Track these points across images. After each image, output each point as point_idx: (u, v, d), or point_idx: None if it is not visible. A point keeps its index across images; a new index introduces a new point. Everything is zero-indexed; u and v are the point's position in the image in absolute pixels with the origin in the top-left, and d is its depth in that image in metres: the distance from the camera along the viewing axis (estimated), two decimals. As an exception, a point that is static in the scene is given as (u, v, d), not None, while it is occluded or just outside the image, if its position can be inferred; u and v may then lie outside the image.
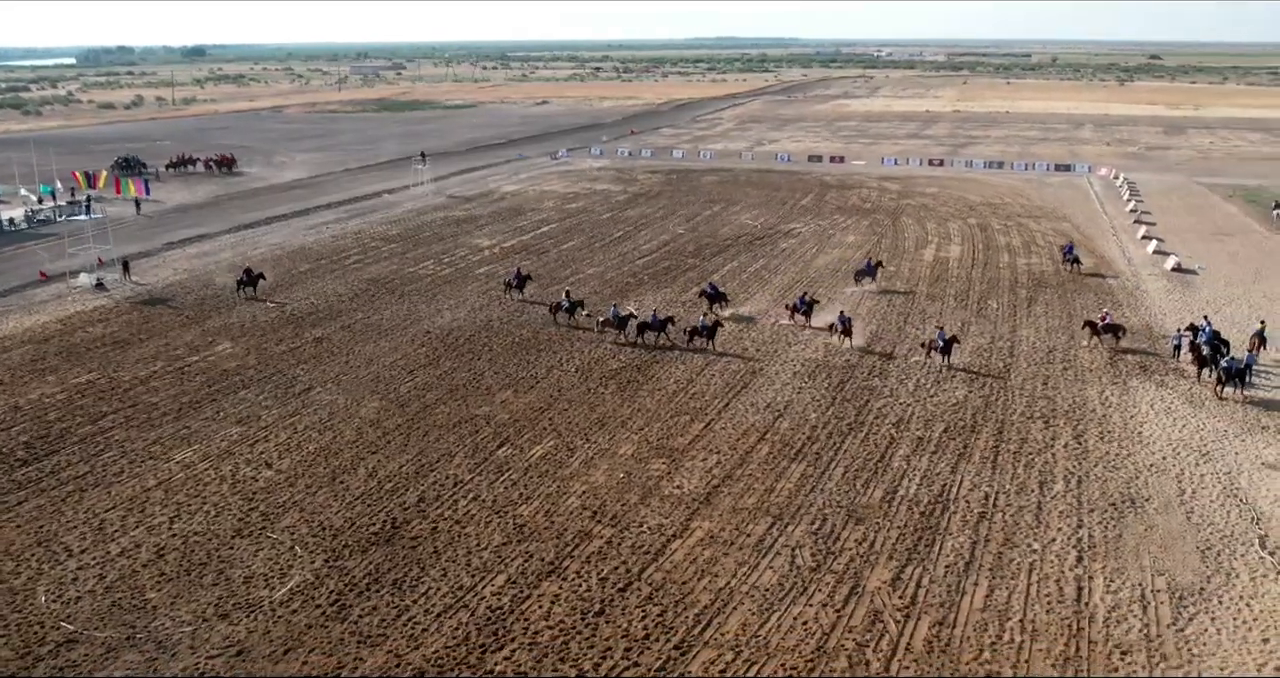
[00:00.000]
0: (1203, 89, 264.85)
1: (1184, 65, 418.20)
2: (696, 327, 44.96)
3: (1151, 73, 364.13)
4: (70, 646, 23.45)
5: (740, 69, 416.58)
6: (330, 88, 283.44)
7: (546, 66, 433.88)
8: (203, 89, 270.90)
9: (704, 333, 44.62)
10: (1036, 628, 24.11)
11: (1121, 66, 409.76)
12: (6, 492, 31.45)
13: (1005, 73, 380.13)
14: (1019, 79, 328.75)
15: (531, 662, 22.70)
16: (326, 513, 29.96)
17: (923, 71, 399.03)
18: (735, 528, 29.05)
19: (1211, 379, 39.71)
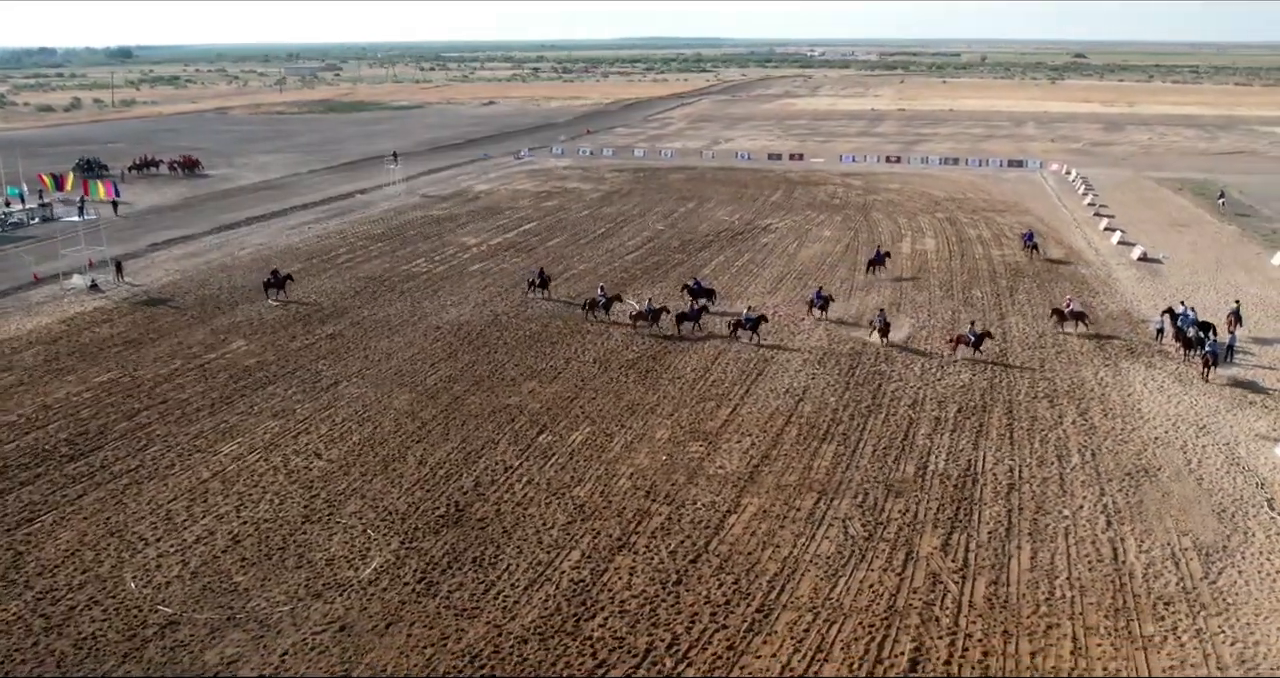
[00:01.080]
0: (1132, 87, 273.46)
1: (1109, 64, 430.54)
2: (740, 320, 46.28)
3: (1080, 71, 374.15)
4: (173, 627, 24.24)
5: (678, 69, 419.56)
6: (270, 89, 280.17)
7: (483, 67, 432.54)
8: (139, 91, 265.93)
9: (748, 325, 45.94)
10: (1084, 585, 26.02)
11: (1049, 65, 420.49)
12: (62, 486, 31.91)
13: (939, 72, 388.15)
14: (954, 78, 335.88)
15: (625, 628, 24.05)
16: (388, 499, 30.95)
17: (858, 71, 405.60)
18: (785, 503, 30.63)
19: (1198, 362, 42.09)
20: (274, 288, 53.64)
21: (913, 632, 23.92)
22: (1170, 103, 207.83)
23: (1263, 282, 56.98)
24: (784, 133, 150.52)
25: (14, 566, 27.08)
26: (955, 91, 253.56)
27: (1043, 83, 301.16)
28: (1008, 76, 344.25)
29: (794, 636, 23.73)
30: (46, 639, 23.68)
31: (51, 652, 23.20)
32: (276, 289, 53.64)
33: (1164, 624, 24.24)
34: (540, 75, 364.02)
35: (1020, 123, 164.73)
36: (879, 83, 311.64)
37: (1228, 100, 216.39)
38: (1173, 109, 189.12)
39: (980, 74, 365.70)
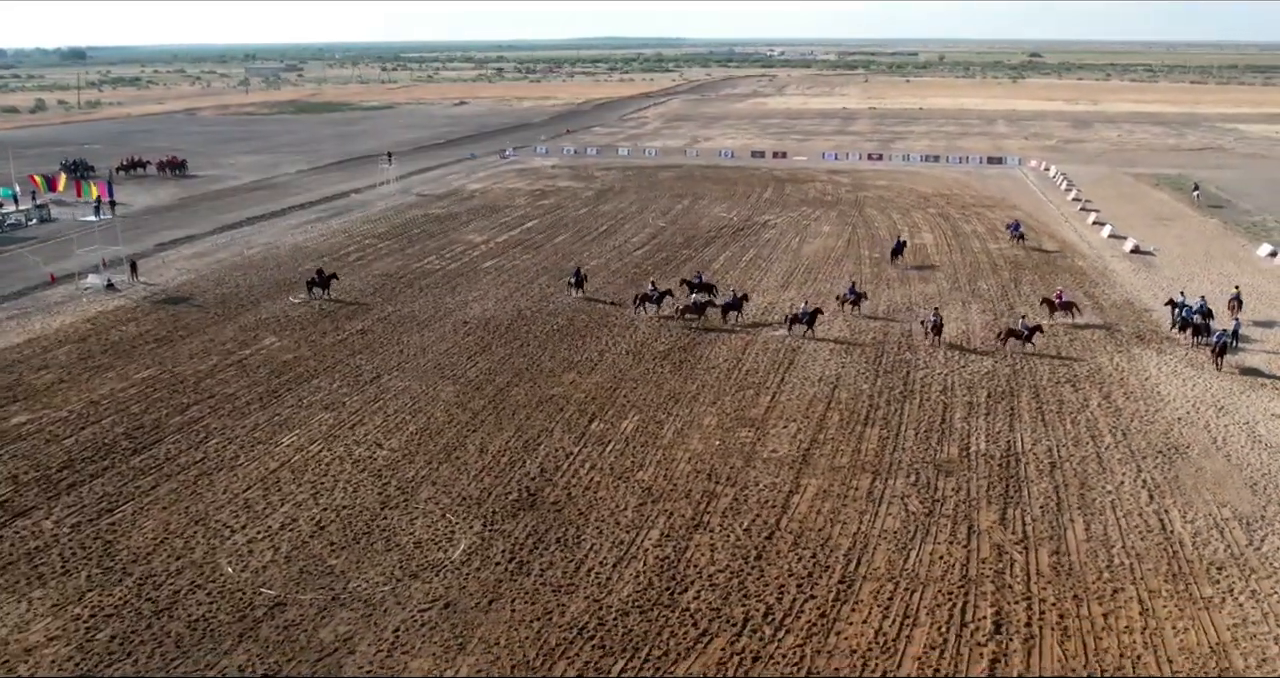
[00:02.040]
0: (1092, 85, 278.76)
1: (1065, 63, 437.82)
2: (796, 314, 47.34)
3: (1038, 70, 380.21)
4: (281, 608, 25.08)
5: (642, 69, 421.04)
6: (235, 90, 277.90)
7: (446, 67, 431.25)
8: (101, 92, 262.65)
9: (804, 319, 47.04)
10: (1139, 553, 27.60)
11: (1006, 64, 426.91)
12: (133, 478, 32.54)
13: (900, 71, 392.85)
14: (916, 77, 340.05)
15: (718, 600, 25.25)
16: (459, 485, 31.91)
17: (820, 70, 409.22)
18: (842, 484, 31.97)
19: (1210, 350, 43.81)
20: (318, 286, 54.05)
21: (990, 598, 25.31)
22: (1132, 101, 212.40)
23: (1252, 272, 59.22)
24: (761, 132, 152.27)
25: (106, 554, 27.72)
26: (921, 90, 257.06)
27: (1005, 82, 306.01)
28: (969, 76, 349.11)
29: (879, 603, 25.03)
30: (159, 622, 24.44)
31: (167, 633, 23.96)
32: (321, 288, 54.06)
33: (1220, 587, 25.82)
34: (505, 76, 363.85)
35: (991, 121, 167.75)
36: (844, 82, 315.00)
37: (1187, 98, 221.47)
38: (1136, 107, 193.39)
39: (941, 73, 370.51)
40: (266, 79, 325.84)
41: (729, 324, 49.14)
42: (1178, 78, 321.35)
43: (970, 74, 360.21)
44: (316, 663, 22.79)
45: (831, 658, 22.79)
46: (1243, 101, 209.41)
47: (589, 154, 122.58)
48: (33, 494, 31.42)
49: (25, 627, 24.24)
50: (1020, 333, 45.02)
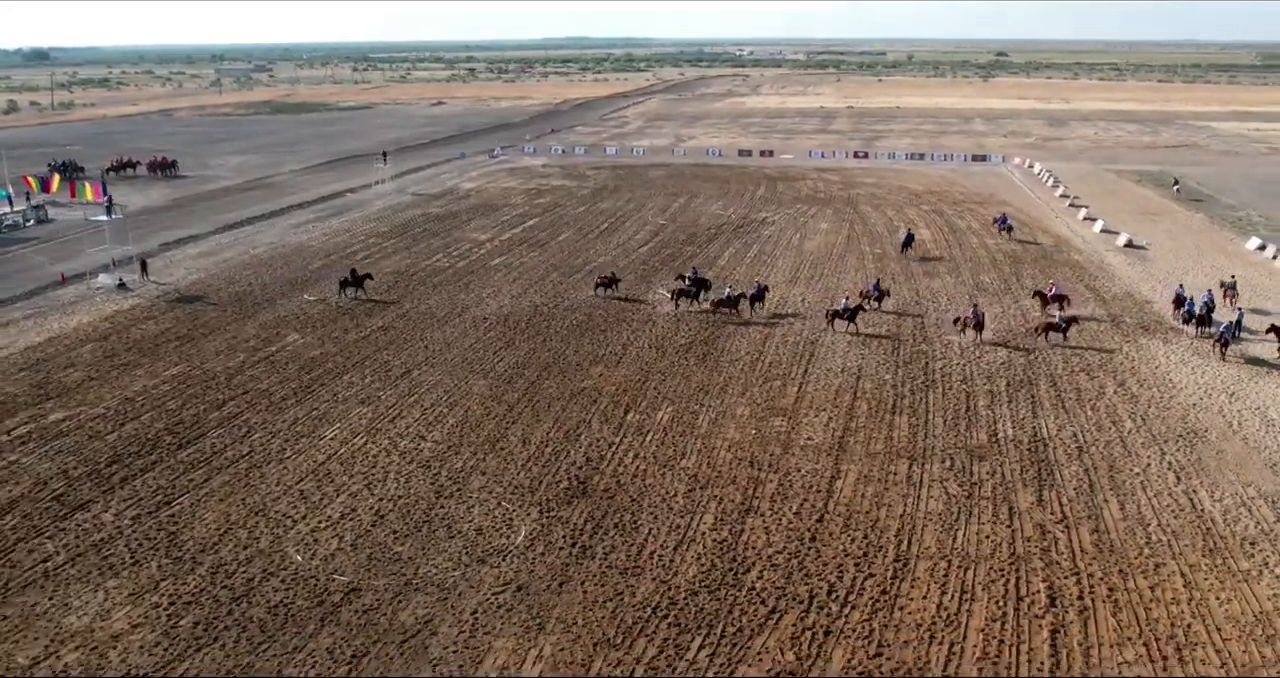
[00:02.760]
0: (1061, 84, 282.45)
1: (1031, 62, 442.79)
2: (839, 310, 48.13)
3: (1007, 69, 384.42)
4: (356, 593, 25.75)
5: (614, 69, 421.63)
6: (208, 91, 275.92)
7: (416, 68, 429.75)
8: (72, 93, 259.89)
9: (846, 315, 47.90)
10: (1174, 530, 28.80)
11: (974, 63, 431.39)
12: (183, 471, 33.05)
13: (870, 70, 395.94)
14: (888, 77, 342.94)
15: (781, 579, 26.18)
16: (508, 474, 32.65)
17: (792, 70, 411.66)
18: (881, 469, 33.00)
19: (1213, 341, 45.09)
20: (352, 286, 54.36)
21: (1041, 574, 26.40)
22: (1103, 99, 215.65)
23: (1243, 264, 60.88)
24: (743, 131, 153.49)
25: (172, 544, 28.26)
26: (895, 90, 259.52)
27: (976, 81, 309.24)
28: (939, 75, 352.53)
29: (936, 580, 26.05)
30: (239, 608, 25.03)
31: (249, 619, 24.57)
32: (355, 287, 54.38)
33: (1255, 560, 27.05)
34: (478, 76, 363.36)
35: (968, 120, 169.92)
36: (816, 81, 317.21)
37: (1157, 97, 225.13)
38: (1109, 105, 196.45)
39: (911, 72, 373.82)
40: (238, 80, 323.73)
41: (751, 316, 50.01)
42: (1144, 76, 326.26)
43: (940, 73, 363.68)
44: (402, 644, 23.48)
45: (899, 631, 23.77)
46: (1211, 100, 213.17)
47: (577, 153, 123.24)
48: (86, 488, 31.83)
49: (107, 615, 24.75)
50: (1059, 325, 46.04)
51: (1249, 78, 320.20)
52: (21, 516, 29.98)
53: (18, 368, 43.66)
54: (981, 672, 22.24)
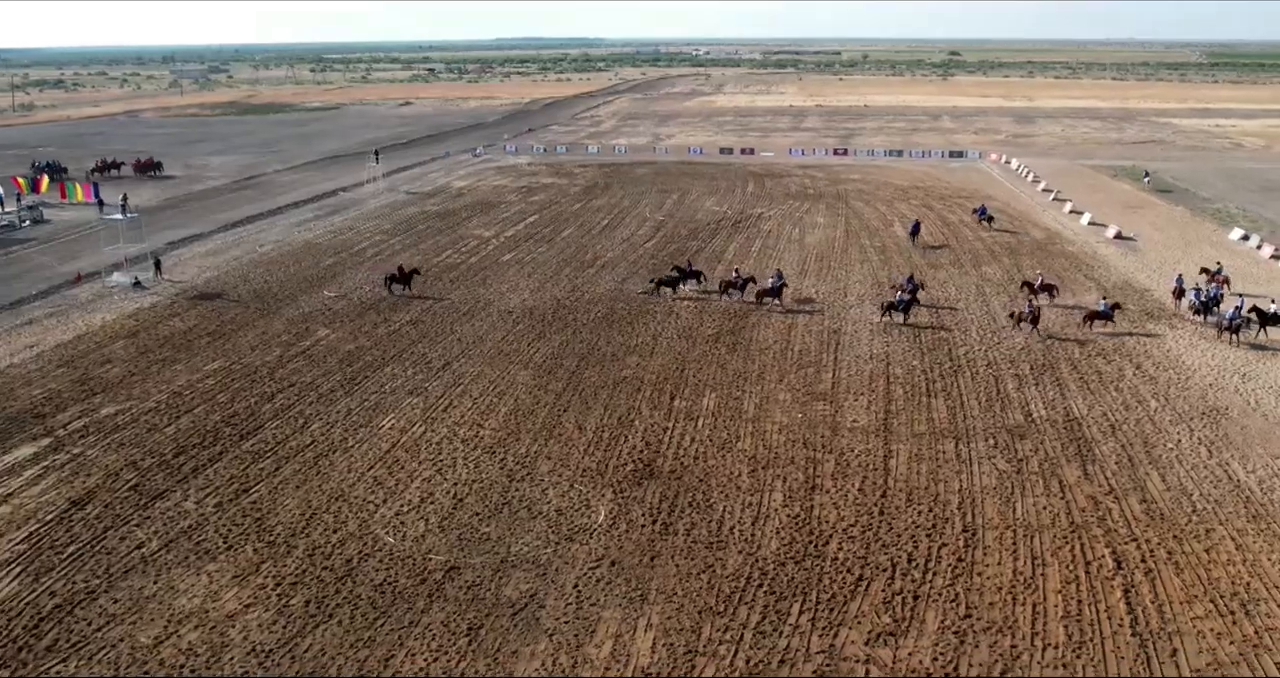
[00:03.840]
0: (1019, 83, 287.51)
1: (983, 61, 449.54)
2: (894, 302, 49.36)
3: (962, 68, 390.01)
4: (456, 571, 26.72)
5: (574, 68, 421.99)
6: (168, 92, 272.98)
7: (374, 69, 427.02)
8: (29, 94, 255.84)
9: (900, 307, 49.11)
10: (1216, 499, 30.53)
11: (929, 62, 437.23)
12: (251, 461, 33.76)
13: (828, 70, 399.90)
14: (847, 76, 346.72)
15: (860, 550, 27.53)
16: (573, 459, 33.71)
17: (751, 69, 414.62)
18: (929, 448, 34.48)
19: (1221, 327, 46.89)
20: (398, 283, 54.88)
21: (1102, 540, 27.97)
22: (1062, 97, 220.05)
23: (1229, 254, 63.28)
24: (718, 129, 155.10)
25: (261, 529, 29.03)
26: (857, 89, 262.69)
27: (935, 79, 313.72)
28: (897, 74, 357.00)
29: (1005, 548, 27.54)
30: (345, 587, 25.91)
31: (358, 597, 25.46)
32: (402, 284, 54.89)
33: (1297, 526, 28.79)
34: (439, 76, 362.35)
35: (936, 117, 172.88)
36: (778, 80, 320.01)
37: (1114, 94, 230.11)
38: (1070, 103, 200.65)
39: (868, 71, 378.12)
40: (197, 81, 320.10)
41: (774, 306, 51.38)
42: (1098, 75, 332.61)
43: (898, 72, 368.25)
44: (513, 616, 24.51)
45: (982, 594, 25.18)
46: (1168, 97, 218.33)
47: (559, 152, 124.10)
48: (160, 478, 32.44)
49: (216, 597, 25.51)
50: (1106, 314, 47.54)
51: (1199, 76, 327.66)
52: (103, 505, 30.53)
53: (54, 364, 43.93)
54: (1067, 629, 23.66)
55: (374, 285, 57.26)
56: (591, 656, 22.82)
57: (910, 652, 22.88)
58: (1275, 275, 58.01)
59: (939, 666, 22.35)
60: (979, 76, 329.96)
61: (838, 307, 52.31)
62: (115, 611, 24.89)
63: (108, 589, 25.82)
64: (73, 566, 27.04)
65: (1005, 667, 22.32)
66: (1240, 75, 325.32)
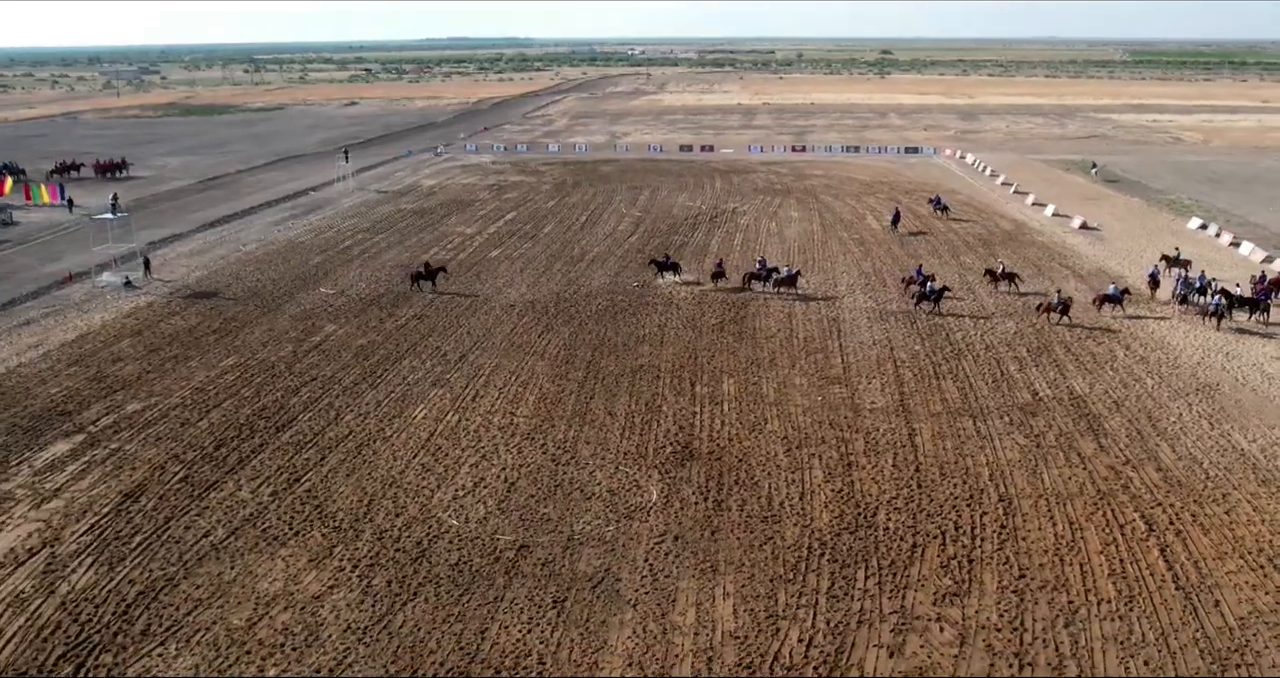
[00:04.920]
0: (956, 80, 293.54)
1: (916, 59, 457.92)
2: (924, 292, 50.73)
3: (896, 67, 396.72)
4: (526, 550, 27.68)
5: (512, 68, 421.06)
6: (103, 93, 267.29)
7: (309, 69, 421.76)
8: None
9: (931, 297, 50.45)
10: (1225, 466, 32.57)
11: (862, 61, 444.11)
12: (294, 452, 34.30)
13: (765, 69, 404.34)
14: (787, 74, 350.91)
15: (908, 520, 29.01)
16: (612, 443, 34.79)
17: (689, 68, 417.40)
18: (949, 426, 36.15)
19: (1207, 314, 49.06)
20: (424, 280, 55.09)
21: (1130, 506, 29.80)
22: (1001, 94, 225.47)
23: (1192, 242, 66.27)
24: (671, 127, 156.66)
25: (323, 515, 29.69)
26: (799, 87, 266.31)
27: (873, 78, 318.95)
28: (834, 72, 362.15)
29: (1042, 514, 29.23)
30: (423, 567, 26.73)
31: (436, 575, 26.31)
32: (428, 280, 55.11)
33: (1303, 489, 30.90)
34: (378, 76, 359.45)
35: (883, 115, 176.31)
36: (719, 79, 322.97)
37: (1050, 91, 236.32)
38: (1008, 100, 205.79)
39: (804, 70, 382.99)
40: (130, 82, 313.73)
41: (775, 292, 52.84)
42: (1029, 73, 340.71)
43: (835, 70, 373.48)
44: (594, 589, 25.54)
45: (1031, 557, 26.80)
46: (1102, 93, 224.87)
47: (520, 151, 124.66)
48: (207, 470, 32.87)
49: (297, 579, 26.17)
50: (1116, 298, 49.44)
51: (1126, 73, 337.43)
52: (157, 497, 30.91)
53: (65, 363, 43.85)
54: (1115, 585, 25.35)
55: (370, 282, 57.66)
56: (678, 622, 23.93)
57: (976, 610, 24.34)
58: (1237, 261, 60.86)
59: (1005, 621, 23.83)
60: (915, 75, 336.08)
61: (830, 296, 53.91)
62: (199, 596, 25.40)
63: (186, 576, 26.29)
64: (144, 555, 27.43)
65: (1067, 620, 23.86)
66: (1166, 73, 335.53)
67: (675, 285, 55.82)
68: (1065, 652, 22.68)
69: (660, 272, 57.39)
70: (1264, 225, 72.01)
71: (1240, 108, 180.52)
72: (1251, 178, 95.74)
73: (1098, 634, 23.32)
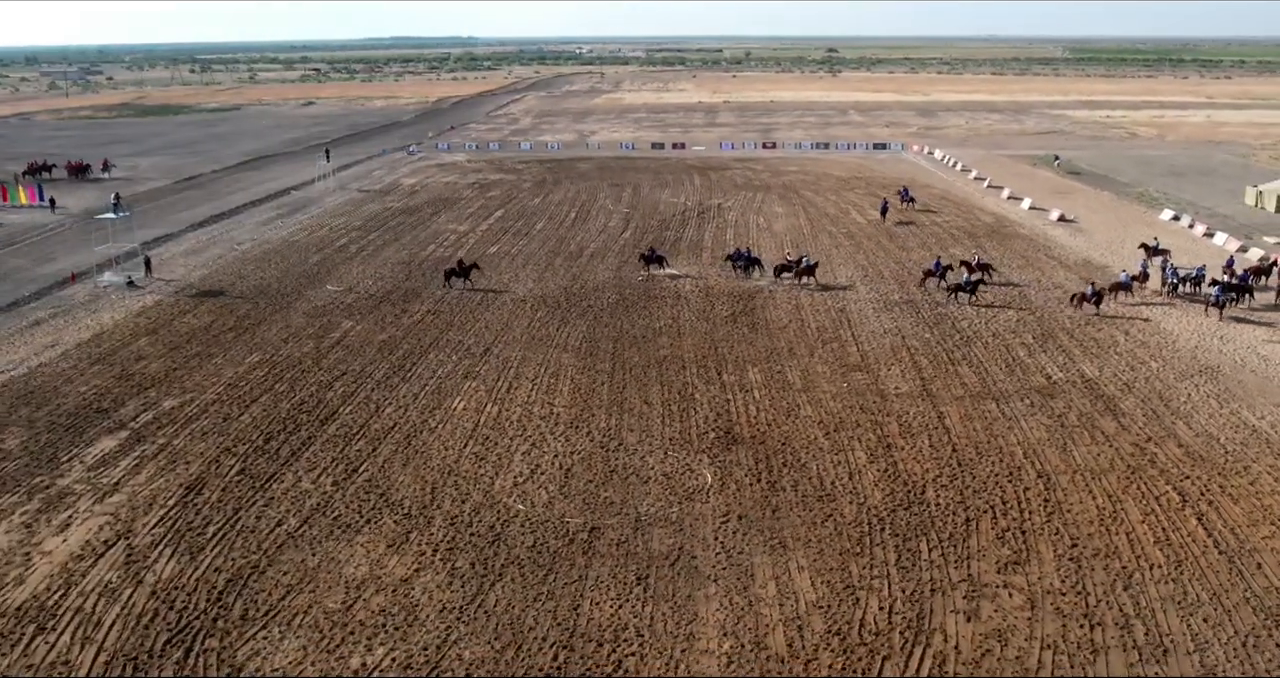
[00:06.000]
0: (907, 78, 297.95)
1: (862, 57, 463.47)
2: (960, 283, 52.07)
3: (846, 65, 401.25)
4: (597, 532, 28.68)
5: (463, 67, 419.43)
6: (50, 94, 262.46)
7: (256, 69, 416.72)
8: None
9: (967, 288, 51.77)
10: (1241, 441, 34.41)
11: (810, 59, 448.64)
12: (344, 444, 34.94)
13: (715, 67, 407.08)
14: (740, 73, 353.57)
15: (956, 495, 30.44)
16: (654, 429, 35.85)
17: (640, 67, 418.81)
18: (974, 409, 37.69)
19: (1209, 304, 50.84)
20: (458, 277, 55.45)
21: (1159, 477, 31.48)
22: (952, 91, 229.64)
23: (1167, 233, 68.69)
24: (637, 125, 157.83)
25: (390, 503, 30.43)
26: (754, 85, 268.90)
27: (825, 76, 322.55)
28: (785, 70, 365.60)
29: (1080, 488, 30.80)
30: (501, 549, 27.63)
31: (516, 557, 27.22)
32: (462, 277, 55.47)
33: (1316, 461, 32.83)
34: (329, 76, 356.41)
35: (844, 112, 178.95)
36: (673, 78, 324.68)
37: (1000, 88, 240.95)
38: (962, 97, 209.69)
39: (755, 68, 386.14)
40: (77, 82, 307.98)
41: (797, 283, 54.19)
42: (976, 70, 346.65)
43: (785, 68, 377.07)
44: (673, 566, 26.60)
45: (1079, 527, 28.32)
46: (1051, 90, 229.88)
47: (492, 149, 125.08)
48: (263, 463, 33.42)
49: (381, 564, 26.93)
50: (1126, 285, 51.15)
51: (1070, 70, 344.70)
52: (219, 489, 31.44)
53: (87, 362, 43.97)
54: (1163, 551, 26.94)
55: (375, 279, 58.16)
56: (762, 595, 25.07)
57: (1039, 576, 25.78)
58: (1214, 251, 63.34)
59: (1068, 586, 25.29)
60: (866, 73, 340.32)
61: (832, 288, 55.37)
62: (289, 581, 26.05)
63: (271, 563, 26.92)
64: (222, 544, 27.99)
65: (1124, 584, 25.38)
66: (1109, 70, 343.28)
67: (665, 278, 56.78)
68: (1129, 612, 24.13)
69: (647, 265, 58.06)
70: (1231, 216, 74.78)
71: (1188, 104, 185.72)
72: (1210, 171, 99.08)
73: (1155, 596, 24.83)
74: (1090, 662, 22.30)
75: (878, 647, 22.86)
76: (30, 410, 38.07)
